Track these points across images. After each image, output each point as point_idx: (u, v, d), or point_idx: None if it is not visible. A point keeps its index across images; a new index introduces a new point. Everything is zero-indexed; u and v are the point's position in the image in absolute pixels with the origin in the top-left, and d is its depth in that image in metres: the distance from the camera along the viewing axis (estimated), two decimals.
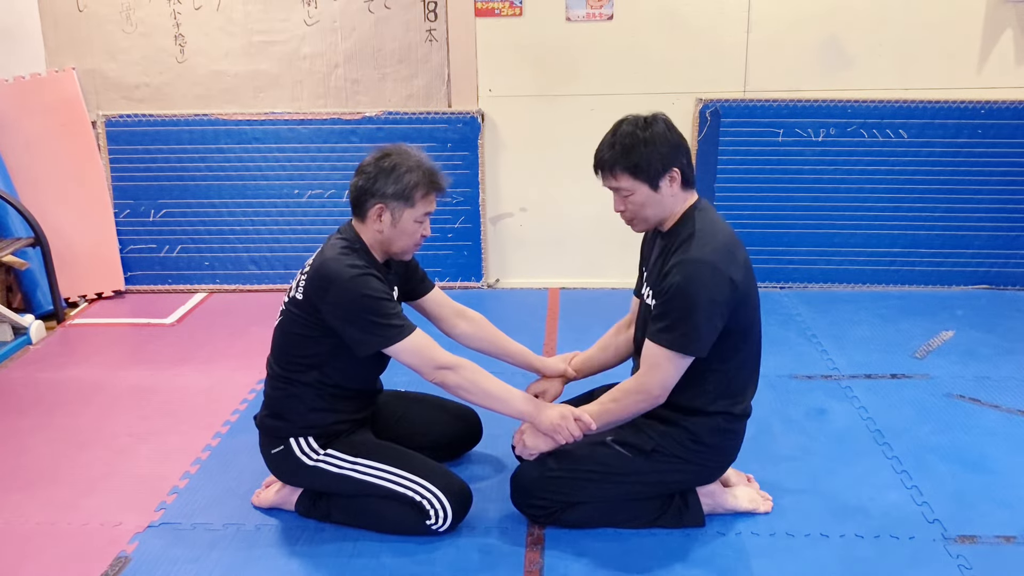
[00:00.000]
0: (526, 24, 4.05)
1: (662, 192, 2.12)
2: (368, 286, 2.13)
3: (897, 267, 4.18)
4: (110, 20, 4.13)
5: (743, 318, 2.14)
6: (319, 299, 2.16)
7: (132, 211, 4.28)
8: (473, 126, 4.15)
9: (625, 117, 2.17)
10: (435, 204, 2.27)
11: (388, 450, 2.34)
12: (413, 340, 2.16)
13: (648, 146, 2.09)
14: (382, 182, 2.18)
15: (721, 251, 2.07)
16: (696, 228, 2.11)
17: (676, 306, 2.05)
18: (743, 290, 2.09)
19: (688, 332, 2.05)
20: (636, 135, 2.10)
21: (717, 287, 2.04)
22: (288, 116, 4.18)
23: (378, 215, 2.20)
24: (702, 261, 2.04)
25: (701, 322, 2.04)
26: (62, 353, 3.65)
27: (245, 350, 3.60)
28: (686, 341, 2.06)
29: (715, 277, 2.03)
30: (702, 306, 2.03)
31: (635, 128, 2.12)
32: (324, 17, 4.10)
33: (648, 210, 2.15)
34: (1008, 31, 3.94)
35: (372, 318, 2.12)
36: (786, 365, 3.34)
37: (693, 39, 4.03)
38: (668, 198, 2.14)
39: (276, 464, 2.36)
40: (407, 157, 2.21)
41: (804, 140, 4.08)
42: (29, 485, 2.62)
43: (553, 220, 4.29)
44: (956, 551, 2.21)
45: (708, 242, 2.07)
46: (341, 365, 2.26)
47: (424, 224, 2.25)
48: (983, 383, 3.16)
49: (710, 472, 2.32)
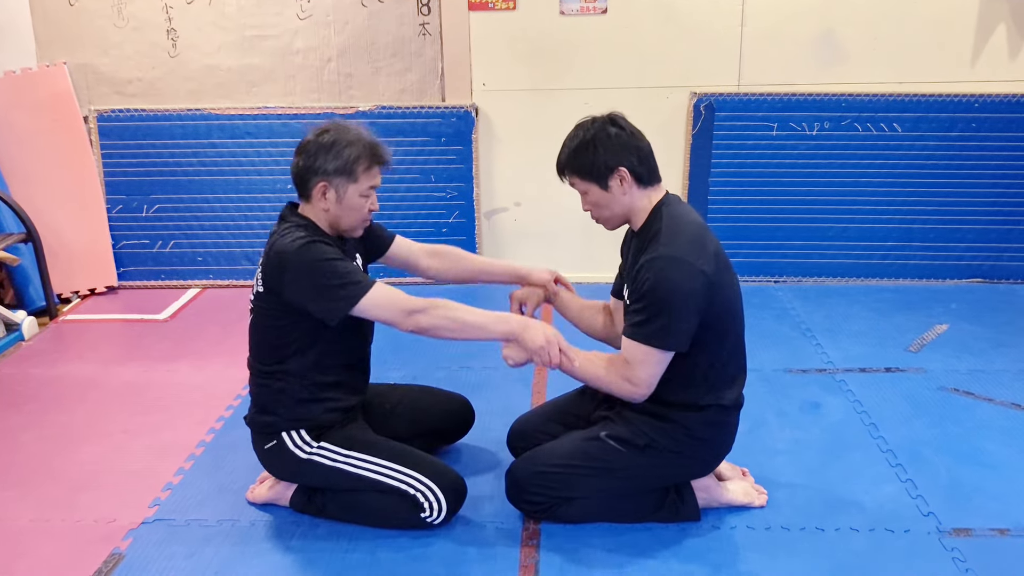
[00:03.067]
0: (520, 18, 4.04)
1: (612, 191, 2.16)
2: (317, 251, 2.10)
3: (891, 261, 4.19)
4: (101, 14, 4.11)
5: (720, 308, 2.14)
6: (277, 283, 2.14)
7: (125, 206, 4.26)
8: (467, 120, 4.14)
9: (581, 119, 2.22)
10: (380, 178, 2.24)
11: (382, 444, 2.33)
12: (377, 292, 2.11)
13: (592, 147, 2.15)
14: (323, 159, 2.15)
15: (688, 244, 2.08)
16: (663, 224, 2.13)
17: (650, 303, 2.06)
18: (716, 280, 2.09)
19: (665, 327, 2.05)
20: (582, 137, 2.17)
21: (688, 280, 2.05)
22: (281, 110, 4.17)
23: (322, 193, 2.18)
24: (670, 257, 2.06)
25: (676, 317, 2.05)
26: (55, 349, 3.64)
27: (238, 345, 3.56)
28: (664, 336, 2.06)
29: (684, 270, 2.05)
30: (675, 301, 2.05)
31: (582, 130, 2.19)
32: (317, 11, 4.09)
33: (604, 210, 2.20)
34: (1001, 25, 3.94)
35: (329, 282, 2.09)
36: (780, 359, 3.35)
37: (687, 33, 4.02)
38: (621, 197, 2.17)
39: (270, 460, 2.35)
40: (346, 132, 2.19)
41: (798, 134, 4.08)
42: (22, 482, 2.61)
43: (547, 215, 4.29)
44: (951, 544, 2.22)
45: (674, 237, 2.09)
46: (319, 351, 2.24)
47: (370, 198, 2.22)
48: (977, 376, 3.17)
49: (704, 465, 2.32)
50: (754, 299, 3.98)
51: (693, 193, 4.17)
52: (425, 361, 3.39)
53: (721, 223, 4.16)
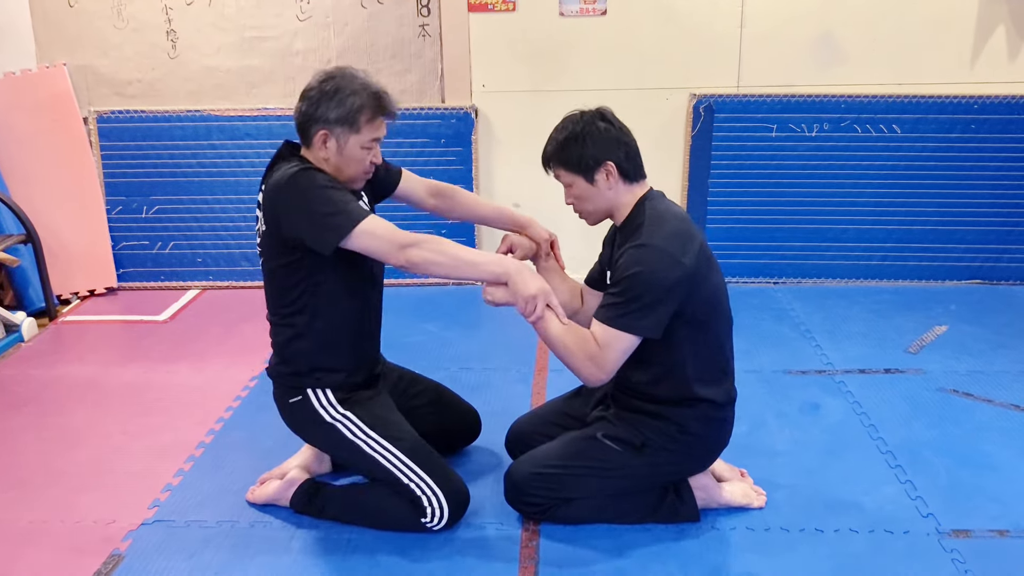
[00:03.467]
0: (519, 19, 4.04)
1: (598, 185, 2.17)
2: (310, 178, 2.08)
3: (890, 262, 4.19)
4: (101, 16, 4.11)
5: (702, 302, 2.14)
6: (274, 217, 2.12)
7: (124, 207, 4.26)
8: (467, 122, 4.15)
9: (568, 113, 2.22)
10: (384, 129, 2.20)
11: (405, 433, 2.29)
12: (369, 223, 2.06)
13: (581, 140, 2.14)
14: (324, 106, 2.11)
15: (670, 236, 2.09)
16: (646, 217, 2.14)
17: (625, 288, 2.06)
18: (696, 273, 2.09)
19: (635, 312, 2.05)
20: (571, 130, 2.16)
21: (665, 270, 2.05)
22: (281, 112, 4.17)
23: (323, 141, 2.14)
24: (649, 245, 2.07)
25: (648, 303, 2.05)
26: (54, 350, 3.64)
27: (238, 347, 3.59)
28: (631, 321, 2.06)
29: (663, 260, 2.05)
30: (650, 288, 2.05)
31: (571, 123, 2.18)
32: (317, 12, 4.09)
33: (588, 204, 2.21)
34: (1000, 26, 3.94)
35: (321, 208, 2.05)
36: (780, 360, 3.35)
37: (687, 34, 4.03)
38: (606, 191, 2.17)
39: (292, 413, 2.33)
40: (351, 80, 2.13)
41: (797, 135, 4.08)
42: (22, 483, 2.61)
43: (547, 215, 4.22)
44: (950, 545, 2.22)
45: (657, 229, 2.10)
46: (325, 300, 2.21)
47: (373, 151, 2.19)
48: (976, 378, 3.17)
49: (700, 461, 2.33)
50: (753, 300, 3.98)
51: (693, 194, 4.17)
52: (426, 361, 3.38)
53: (720, 224, 4.16)
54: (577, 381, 2.56)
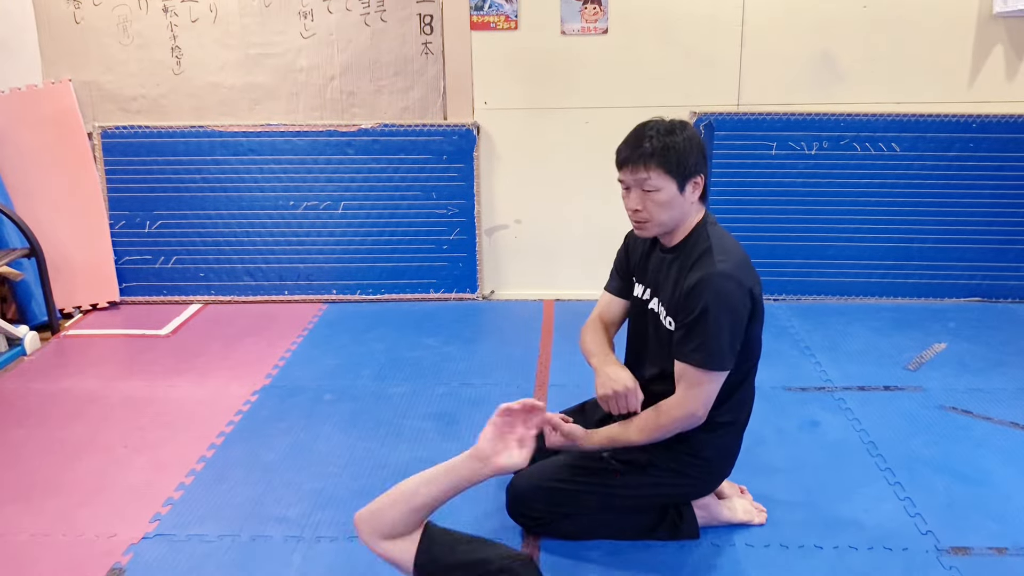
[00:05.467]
0: (521, 37, 4.07)
1: (685, 196, 2.12)
2: None
3: (890, 280, 4.20)
4: (107, 32, 4.15)
5: (754, 331, 2.15)
6: None
7: (127, 222, 4.28)
8: (468, 138, 4.17)
9: (653, 118, 2.15)
10: None
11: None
12: None
13: (685, 146, 2.08)
14: None
15: (741, 264, 2.09)
16: (712, 242, 2.11)
17: (706, 323, 2.03)
18: (758, 302, 2.11)
19: (721, 349, 2.04)
20: (675, 133, 2.09)
21: (740, 300, 2.05)
22: (284, 128, 4.19)
23: None
24: (726, 275, 2.04)
25: (728, 338, 2.05)
26: (57, 364, 3.65)
27: (240, 361, 3.60)
28: (721, 358, 2.05)
29: (739, 291, 2.05)
30: (729, 322, 2.04)
31: (673, 126, 2.11)
32: (320, 30, 4.12)
33: (666, 212, 2.12)
34: (999, 46, 3.97)
35: None
36: (779, 377, 3.36)
37: (687, 53, 4.06)
38: (687, 204, 2.13)
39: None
40: None
41: (797, 153, 4.11)
42: (23, 497, 2.62)
43: (548, 232, 4.31)
44: (949, 563, 2.22)
45: (727, 256, 2.08)
46: None
47: None
48: (975, 395, 3.18)
49: (705, 485, 2.32)
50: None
51: None
52: (426, 378, 3.40)
53: None
54: (578, 397, 2.58)
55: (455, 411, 3.11)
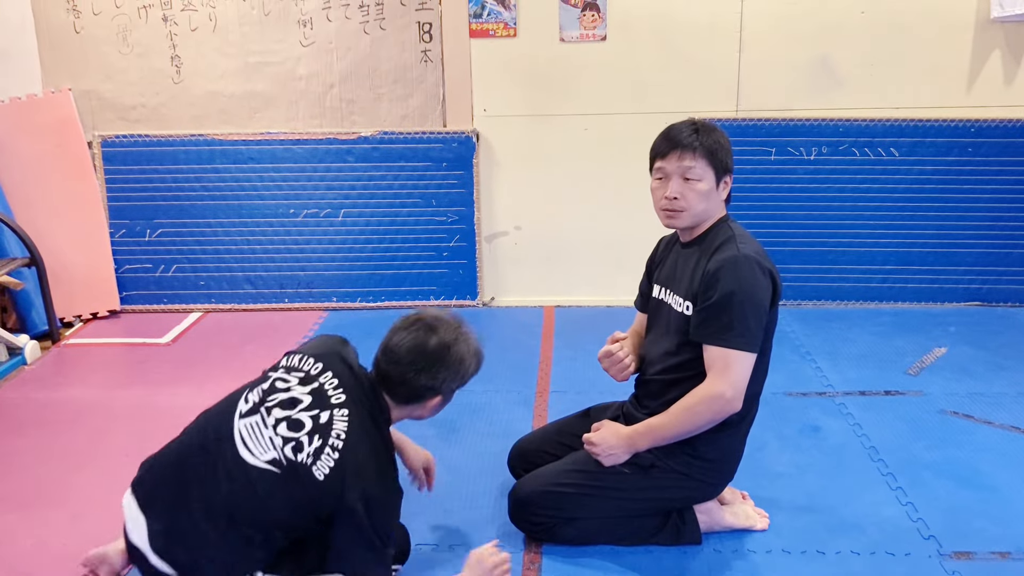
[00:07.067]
0: (520, 45, 4.08)
1: (719, 191, 2.20)
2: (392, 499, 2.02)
3: (890, 284, 4.21)
4: (107, 41, 4.16)
5: (770, 320, 2.17)
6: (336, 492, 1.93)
7: (128, 231, 4.29)
8: (468, 145, 4.18)
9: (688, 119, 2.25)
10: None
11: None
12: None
13: (726, 145, 2.20)
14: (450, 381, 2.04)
15: (760, 250, 2.15)
16: (733, 232, 2.19)
17: (730, 304, 2.07)
18: (778, 289, 2.16)
19: (748, 329, 2.08)
20: (717, 131, 2.20)
21: (763, 283, 2.11)
22: (284, 136, 4.20)
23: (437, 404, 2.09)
24: (747, 257, 2.10)
25: (754, 319, 2.08)
26: (57, 373, 3.65)
27: (240, 369, 3.59)
28: (750, 338, 2.09)
29: (760, 272, 2.10)
30: (753, 304, 2.08)
31: (713, 126, 2.22)
32: (320, 38, 4.13)
33: (700, 203, 2.18)
34: (997, 51, 3.98)
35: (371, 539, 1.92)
36: (780, 382, 3.35)
37: (686, 59, 4.07)
38: (716, 200, 2.21)
39: None
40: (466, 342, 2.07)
41: (796, 159, 4.12)
42: (24, 506, 2.61)
43: (548, 238, 4.31)
44: (951, 567, 2.22)
45: (747, 242, 2.15)
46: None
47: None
48: (976, 399, 3.18)
49: (709, 488, 2.32)
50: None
51: None
52: None
53: None
54: (580, 404, 2.57)
55: (456, 418, 3.10)
